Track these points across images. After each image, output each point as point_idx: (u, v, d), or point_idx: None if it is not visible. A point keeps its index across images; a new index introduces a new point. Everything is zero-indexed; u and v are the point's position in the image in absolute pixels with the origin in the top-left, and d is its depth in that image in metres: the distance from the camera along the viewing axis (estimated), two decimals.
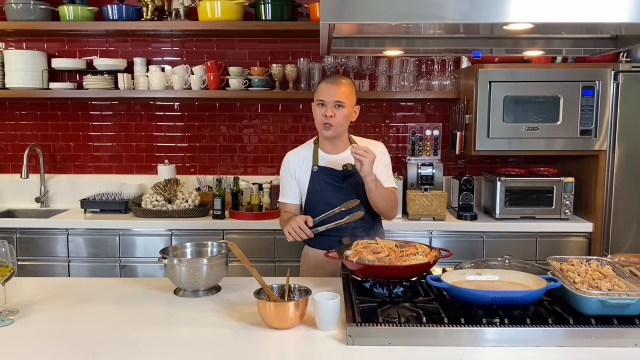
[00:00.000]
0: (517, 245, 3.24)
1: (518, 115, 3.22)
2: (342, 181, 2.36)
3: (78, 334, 1.66)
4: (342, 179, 2.36)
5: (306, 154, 2.43)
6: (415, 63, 3.59)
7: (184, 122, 3.86)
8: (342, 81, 2.32)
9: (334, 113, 2.28)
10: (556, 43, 2.33)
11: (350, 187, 2.35)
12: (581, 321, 1.58)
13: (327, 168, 2.37)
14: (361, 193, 2.33)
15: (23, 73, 3.56)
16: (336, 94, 2.27)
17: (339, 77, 2.35)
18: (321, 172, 2.36)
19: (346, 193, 2.34)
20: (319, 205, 2.33)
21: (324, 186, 2.35)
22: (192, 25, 3.49)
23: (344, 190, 2.34)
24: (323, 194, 2.35)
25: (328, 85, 2.30)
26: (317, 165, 2.38)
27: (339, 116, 2.29)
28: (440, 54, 3.40)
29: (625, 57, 3.19)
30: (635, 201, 3.21)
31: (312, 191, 2.38)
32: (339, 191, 2.34)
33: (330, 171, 2.37)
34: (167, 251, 2.10)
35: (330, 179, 2.35)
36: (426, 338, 1.56)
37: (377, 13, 1.56)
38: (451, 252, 1.98)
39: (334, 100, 2.27)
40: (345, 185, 2.36)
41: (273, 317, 1.67)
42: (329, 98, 2.28)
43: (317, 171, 2.37)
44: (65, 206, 3.74)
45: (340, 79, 2.34)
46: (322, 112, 2.29)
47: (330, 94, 2.28)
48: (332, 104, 2.27)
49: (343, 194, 2.33)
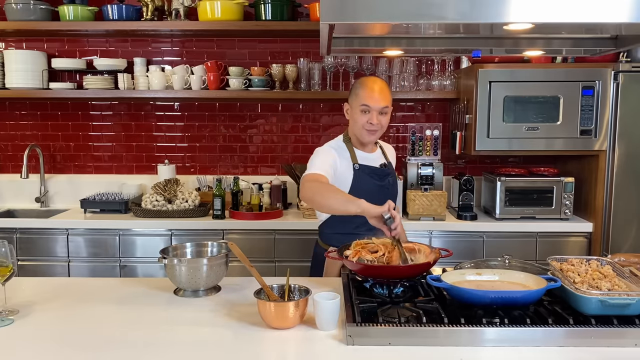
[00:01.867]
0: (517, 245, 3.24)
1: (518, 115, 3.22)
2: (382, 179, 2.37)
3: (78, 334, 1.66)
4: (381, 176, 2.37)
5: (344, 151, 2.37)
6: (415, 63, 3.59)
7: (184, 122, 3.86)
8: (385, 87, 2.29)
9: (379, 120, 2.26)
10: (556, 43, 2.32)
11: (389, 185, 2.40)
12: (581, 321, 1.58)
13: (367, 166, 2.36)
14: (395, 192, 2.45)
15: (23, 73, 3.56)
16: (382, 101, 2.25)
17: (381, 82, 2.30)
18: (362, 171, 2.34)
19: (387, 191, 2.36)
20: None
21: (368, 184, 2.33)
22: (192, 25, 3.49)
23: (384, 189, 2.36)
24: (367, 193, 2.27)
25: (373, 91, 2.25)
26: (358, 163, 2.34)
27: (384, 122, 2.29)
28: (440, 54, 3.40)
29: (625, 57, 3.19)
30: (635, 201, 3.21)
31: (357, 190, 2.30)
32: (380, 189, 2.34)
33: (371, 169, 2.36)
34: (167, 251, 2.10)
35: (372, 177, 2.35)
36: (426, 338, 1.56)
37: (377, 13, 1.56)
38: (451, 252, 1.98)
39: (380, 107, 2.25)
40: (386, 183, 2.38)
41: (273, 317, 1.67)
42: (376, 104, 2.24)
43: (359, 169, 2.33)
44: (65, 206, 3.75)
45: (382, 83, 2.30)
46: (367, 119, 2.26)
47: (376, 100, 2.24)
48: (378, 110, 2.25)
49: (384, 192, 2.34)
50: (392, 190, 2.42)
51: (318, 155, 2.30)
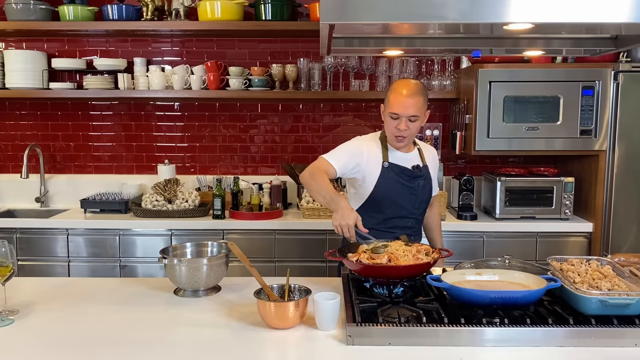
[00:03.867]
0: (517, 245, 3.24)
1: (518, 115, 3.22)
2: (411, 180, 2.33)
3: (78, 334, 1.66)
4: (411, 178, 2.33)
5: (376, 148, 2.34)
6: (415, 63, 3.59)
7: (184, 122, 3.86)
8: (419, 92, 2.21)
9: (408, 127, 2.22)
10: (556, 43, 2.33)
11: (418, 188, 2.34)
12: (581, 321, 1.58)
13: (397, 165, 2.32)
14: (425, 196, 2.37)
15: (23, 73, 3.56)
16: (411, 109, 2.19)
17: (413, 87, 2.22)
18: (391, 169, 2.31)
19: (414, 193, 2.33)
20: (384, 202, 2.31)
21: (394, 184, 2.30)
22: (192, 25, 3.49)
23: (412, 190, 2.33)
24: (391, 191, 2.30)
25: (403, 98, 2.20)
26: (388, 161, 2.32)
27: (413, 128, 2.24)
28: (440, 54, 3.40)
29: (625, 57, 3.19)
30: (635, 201, 3.21)
31: (381, 186, 2.30)
32: (406, 190, 2.32)
33: (401, 169, 2.32)
34: (167, 251, 2.10)
35: (400, 177, 2.31)
36: (426, 338, 1.56)
37: (377, 13, 1.56)
38: (451, 252, 1.98)
39: (409, 115, 2.20)
40: (414, 185, 2.33)
41: (273, 317, 1.67)
42: (404, 112, 2.19)
43: (387, 167, 2.30)
44: (65, 206, 3.74)
45: (414, 88, 2.21)
46: (395, 125, 2.23)
47: (405, 107, 2.19)
48: (406, 118, 2.21)
49: (411, 194, 2.32)
50: (421, 193, 2.35)
51: (345, 146, 2.35)
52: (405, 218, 2.35)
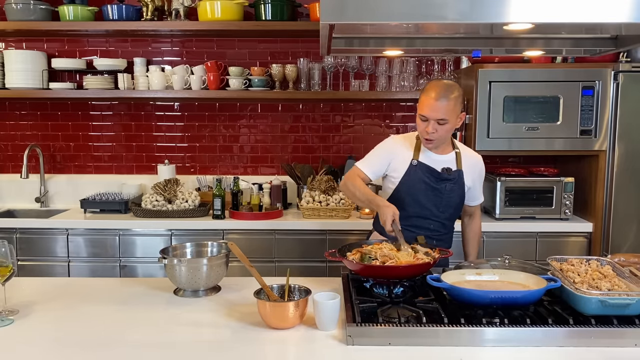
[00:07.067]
0: (517, 245, 3.24)
1: (518, 115, 3.22)
2: (437, 182, 2.29)
3: (78, 334, 1.66)
4: (438, 180, 2.29)
5: (409, 145, 2.34)
6: (415, 63, 3.59)
7: (183, 122, 3.86)
8: (449, 95, 2.17)
9: (436, 129, 2.20)
10: (556, 43, 2.32)
11: (445, 191, 2.30)
12: (581, 321, 1.59)
13: (426, 165, 2.30)
14: (452, 200, 2.33)
15: (23, 73, 3.56)
16: (440, 112, 2.16)
17: (444, 89, 2.18)
18: (419, 168, 2.30)
19: (439, 195, 2.30)
20: (406, 199, 2.29)
21: (418, 182, 2.29)
22: (192, 25, 3.49)
23: (437, 192, 2.30)
24: (415, 189, 2.29)
25: (432, 101, 2.17)
26: (417, 160, 2.31)
27: (441, 131, 2.21)
28: (440, 54, 3.40)
29: (625, 57, 3.18)
30: (635, 201, 3.21)
31: (405, 184, 2.30)
32: (431, 191, 2.29)
33: (429, 169, 2.30)
34: (167, 251, 2.10)
35: (427, 177, 2.29)
36: (426, 338, 1.56)
37: (377, 13, 1.56)
38: (451, 252, 1.98)
39: (437, 118, 2.18)
40: (441, 187, 2.30)
41: (273, 317, 1.67)
42: (432, 115, 2.17)
43: (415, 165, 2.29)
44: (65, 206, 3.74)
45: (445, 92, 2.17)
46: (424, 127, 2.21)
47: (434, 110, 2.17)
48: (434, 121, 2.19)
49: (435, 196, 2.30)
50: (445, 197, 2.31)
51: (376, 149, 2.40)
52: (428, 219, 2.32)
